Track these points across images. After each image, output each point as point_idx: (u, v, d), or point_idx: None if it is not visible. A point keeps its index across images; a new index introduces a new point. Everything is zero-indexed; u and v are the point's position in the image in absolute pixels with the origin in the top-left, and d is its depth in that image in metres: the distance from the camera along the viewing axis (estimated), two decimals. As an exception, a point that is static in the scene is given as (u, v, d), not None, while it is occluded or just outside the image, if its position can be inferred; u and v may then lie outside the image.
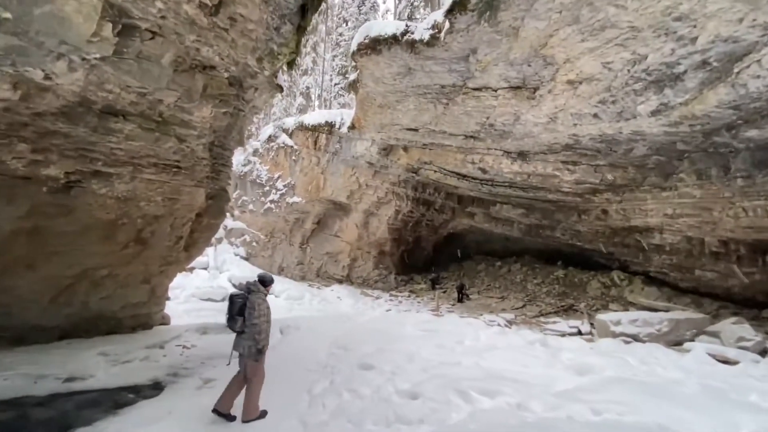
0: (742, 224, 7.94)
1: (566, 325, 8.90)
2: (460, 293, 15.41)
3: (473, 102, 12.49)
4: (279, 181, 21.53)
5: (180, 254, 7.29)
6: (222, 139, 6.93)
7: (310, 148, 20.28)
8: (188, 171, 6.15)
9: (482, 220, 19.78)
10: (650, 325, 7.16)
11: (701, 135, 8.05)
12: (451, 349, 5.94)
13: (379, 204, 19.50)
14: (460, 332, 6.68)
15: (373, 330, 6.85)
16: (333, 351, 6.40)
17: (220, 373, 5.55)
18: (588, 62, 8.46)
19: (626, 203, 11.71)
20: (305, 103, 27.01)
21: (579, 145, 11.26)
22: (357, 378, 5.21)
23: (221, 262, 21.67)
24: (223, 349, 7.20)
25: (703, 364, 5.34)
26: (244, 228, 23.33)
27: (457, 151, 15.71)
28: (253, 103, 7.79)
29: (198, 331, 8.68)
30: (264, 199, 22.07)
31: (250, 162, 23.16)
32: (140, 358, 6.25)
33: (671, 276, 11.42)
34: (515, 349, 5.79)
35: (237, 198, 23.53)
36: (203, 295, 17.18)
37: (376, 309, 13.42)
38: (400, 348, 6.08)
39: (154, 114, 5.28)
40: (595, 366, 4.87)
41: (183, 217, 6.66)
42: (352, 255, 21.13)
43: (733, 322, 6.91)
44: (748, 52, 6.06)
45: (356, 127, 17.80)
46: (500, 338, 6.49)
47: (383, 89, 14.19)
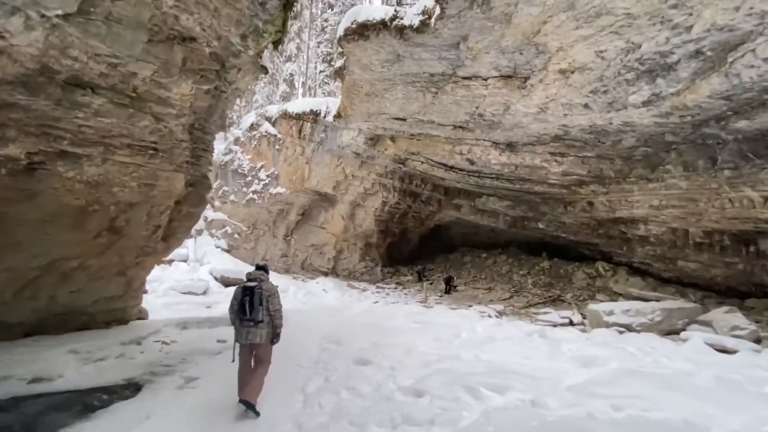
0: (728, 215, 8.08)
1: (557, 315, 8.93)
2: (448, 285, 15.38)
3: (463, 91, 12.28)
4: (262, 171, 20.91)
5: (158, 245, 6.84)
6: (203, 121, 6.48)
7: (294, 137, 19.73)
8: (166, 154, 5.69)
9: (468, 212, 19.77)
10: (643, 314, 7.21)
11: (690, 126, 8.10)
12: (449, 341, 5.80)
13: (366, 195, 19.20)
14: (455, 324, 6.53)
15: (365, 323, 6.62)
16: (325, 346, 6.15)
17: (202, 370, 5.23)
18: (581, 51, 8.35)
19: (612, 195, 11.82)
20: (289, 90, 26.25)
21: (568, 136, 11.25)
22: (354, 374, 4.95)
23: (202, 255, 20.99)
24: (204, 345, 6.85)
25: (702, 353, 5.35)
26: (225, 219, 22.63)
27: (446, 142, 15.54)
28: (236, 85, 7.35)
29: (178, 325, 8.26)
30: (246, 189, 21.42)
31: (232, 151, 22.40)
32: (115, 356, 5.82)
33: (655, 267, 11.65)
34: (514, 341, 5.69)
35: (218, 188, 22.76)
36: (183, 289, 16.57)
37: (363, 301, 13.22)
38: (395, 341, 5.87)
39: (128, 88, 4.81)
40: (598, 357, 4.79)
41: (161, 204, 6.21)
42: (337, 247, 20.82)
43: (725, 311, 7.03)
44: (742, 41, 6.05)
45: (342, 115, 17.37)
46: (497, 330, 6.37)
47: (371, 77, 13.81)
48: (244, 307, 4.30)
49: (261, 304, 4.32)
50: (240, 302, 4.35)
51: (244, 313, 4.31)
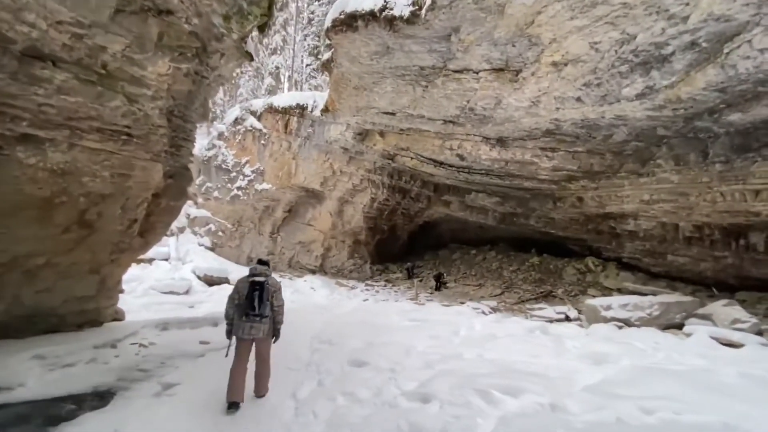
0: (719, 208, 8.10)
1: (552, 311, 8.82)
2: (438, 282, 15.21)
3: (454, 85, 12.07)
4: (247, 167, 20.33)
5: (134, 240, 6.37)
6: (183, 108, 6.06)
7: (280, 132, 19.22)
8: (142, 141, 5.24)
9: (458, 208, 19.68)
10: (641, 309, 7.13)
11: (682, 120, 8.07)
12: (448, 340, 5.51)
13: (354, 191, 18.86)
14: (452, 322, 6.26)
15: (357, 321, 6.30)
16: (316, 346, 5.79)
17: (182, 375, 4.83)
18: (575, 42, 8.22)
19: (602, 190, 11.82)
20: (274, 84, 25.62)
21: (559, 130, 11.17)
22: (350, 377, 4.57)
23: (184, 253, 20.31)
24: (186, 347, 6.44)
25: (709, 348, 5.24)
26: (208, 216, 21.95)
27: (435, 137, 15.34)
28: (219, 72, 6.94)
29: (157, 327, 7.80)
30: (230, 185, 20.80)
31: (215, 146, 21.72)
32: (86, 361, 5.36)
33: (644, 261, 11.71)
34: (516, 338, 5.44)
35: (201, 184, 22.07)
36: (164, 288, 15.96)
37: (352, 299, 12.92)
38: (391, 341, 5.54)
39: (96, 64, 4.35)
40: (608, 354, 4.56)
41: (137, 197, 5.76)
42: (325, 244, 20.43)
43: (724, 304, 7.00)
44: (738, 32, 5.98)
45: (330, 110, 16.95)
46: (497, 327, 6.12)
47: (359, 69, 13.46)
48: (252, 301, 4.28)
49: (268, 299, 4.35)
50: (248, 296, 4.32)
51: (251, 307, 4.28)
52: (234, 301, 4.50)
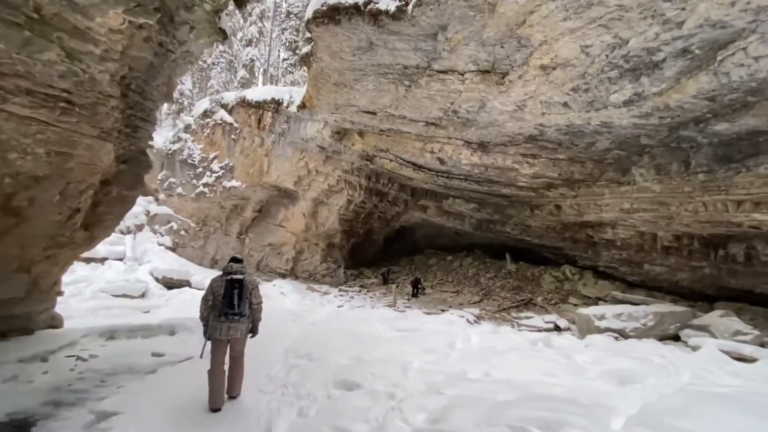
0: (701, 218, 8.18)
1: (541, 320, 8.55)
2: (416, 288, 14.74)
3: (438, 85, 11.73)
4: (215, 163, 19.13)
5: (76, 234, 5.40)
6: (142, 82, 5.24)
7: (252, 127, 18.23)
8: (86, 112, 4.37)
9: (435, 213, 19.43)
10: (635, 319, 6.96)
11: (667, 129, 8.09)
12: (445, 353, 4.89)
13: (330, 192, 18.15)
14: (444, 332, 5.66)
15: (337, 331, 5.60)
16: (292, 362, 4.98)
17: (125, 399, 3.94)
18: (566, 45, 8.07)
19: (581, 198, 11.84)
20: (248, 77, 24.42)
21: (543, 136, 11.08)
22: (340, 405, 3.68)
23: (141, 253, 18.76)
24: (134, 360, 5.51)
25: (722, 362, 4.99)
26: (170, 214, 20.45)
27: (416, 139, 14.99)
28: (188, 48, 6.15)
29: (102, 335, 6.75)
30: (196, 181, 19.49)
31: (181, 139, 20.35)
32: (5, 378, 4.37)
33: (620, 270, 11.82)
34: (521, 353, 4.91)
35: (163, 180, 20.58)
36: (116, 291, 14.52)
37: (325, 306, 12.18)
38: (381, 355, 4.82)
39: (26, 5, 3.50)
40: (630, 372, 4.12)
41: (80, 181, 4.84)
42: (297, 247, 19.51)
43: (720, 314, 6.94)
44: (733, 39, 5.96)
45: (307, 106, 16.24)
46: (495, 339, 5.63)
47: (340, 65, 12.88)
48: (231, 300, 4.17)
49: (246, 297, 4.29)
50: (227, 295, 4.19)
51: (230, 306, 4.17)
52: (208, 302, 4.33)
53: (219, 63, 25.51)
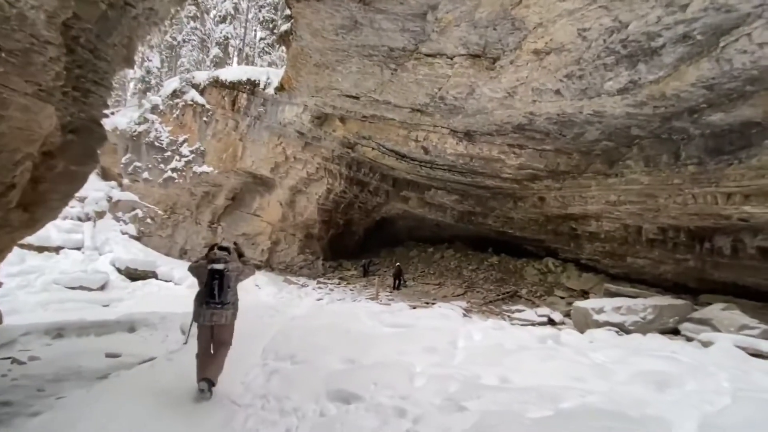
0: (690, 211, 8.17)
1: (533, 313, 8.33)
2: (397, 279, 14.32)
3: (425, 69, 11.21)
4: (185, 146, 17.92)
5: (12, 214, 4.55)
6: (93, 37, 4.43)
7: (226, 109, 17.14)
8: (15, 59, 3.52)
9: (416, 204, 19.09)
10: (634, 312, 6.81)
11: (659, 119, 7.96)
12: (449, 354, 4.33)
13: (309, 181, 17.39)
14: (442, 328, 5.11)
15: (322, 328, 4.98)
16: (273, 365, 4.30)
17: (66, 414, 3.20)
18: (563, 28, 7.72)
19: (566, 190, 11.73)
20: (222, 56, 22.97)
21: (531, 125, 10.82)
22: (338, 426, 2.95)
23: (102, 242, 17.41)
24: (83, 362, 4.76)
25: (741, 360, 4.81)
26: (135, 201, 19.08)
27: (401, 127, 14.47)
28: (151, 4, 5.34)
29: (48, 333, 5.90)
30: (164, 166, 18.21)
31: (148, 120, 18.92)
32: None
33: (603, 263, 11.86)
34: (533, 352, 4.41)
35: (128, 163, 19.14)
36: (71, 283, 13.31)
37: (304, 299, 11.58)
38: (379, 357, 4.14)
39: None
40: (664, 375, 3.67)
41: (14, 150, 4.00)
42: (273, 237, 18.68)
43: (722, 308, 6.88)
44: (736, 25, 5.76)
45: (286, 88, 15.37)
46: (500, 335, 5.16)
47: (322, 45, 12.12)
48: (212, 290, 4.09)
49: (230, 286, 4.20)
50: (208, 284, 4.12)
51: (211, 296, 4.09)
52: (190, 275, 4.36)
53: (190, 40, 23.86)
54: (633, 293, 8.55)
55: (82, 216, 18.13)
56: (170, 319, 6.46)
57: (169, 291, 13.61)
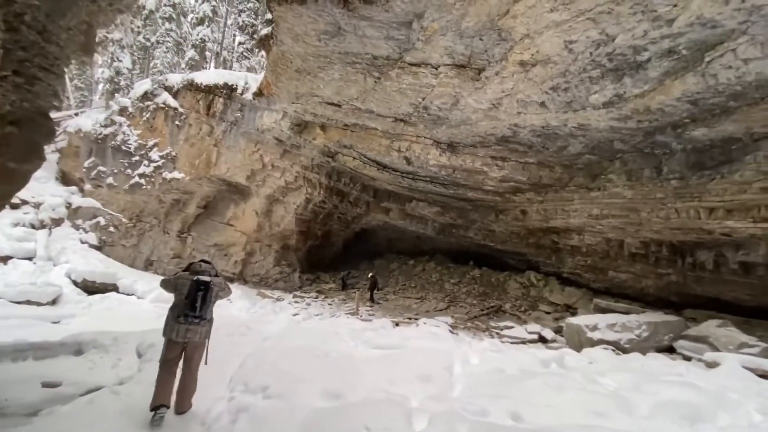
0: (672, 225, 8.21)
1: (523, 330, 8.01)
2: (372, 291, 13.65)
3: (410, 78, 11.04)
4: (154, 151, 16.96)
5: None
6: (43, 17, 3.87)
7: (201, 114, 16.39)
8: None
9: (397, 216, 18.79)
10: (629, 330, 6.59)
11: (642, 134, 8.00)
12: (447, 382, 3.79)
13: (287, 189, 16.77)
14: (433, 350, 4.54)
15: (300, 350, 4.36)
16: (241, 400, 3.60)
17: None
18: (549, 39, 7.69)
19: (548, 203, 11.72)
20: (198, 59, 22.13)
21: (515, 137, 10.77)
22: None
23: (57, 251, 16.05)
24: (15, 394, 3.95)
25: (751, 382, 4.56)
26: (97, 208, 17.82)
27: (383, 136, 14.21)
28: (115, -13, 4.82)
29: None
30: (131, 171, 17.15)
31: (115, 123, 17.86)
32: None
33: (584, 277, 11.84)
34: (541, 379, 3.92)
35: (91, 167, 17.93)
36: (18, 296, 12.06)
37: (279, 314, 10.86)
38: (368, 388, 3.58)
39: None
40: (690, 406, 3.34)
41: None
42: (248, 248, 17.82)
43: (717, 325, 6.75)
44: (721, 41, 5.83)
45: (265, 93, 14.87)
46: (499, 358, 4.63)
47: (303, 50, 11.78)
48: (194, 302, 3.93)
49: (212, 300, 4.09)
50: (190, 296, 3.94)
51: (192, 308, 3.92)
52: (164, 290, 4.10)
53: (165, 42, 22.92)
54: (623, 309, 8.44)
55: (36, 223, 16.70)
56: (125, 339, 5.66)
57: (130, 306, 12.53)
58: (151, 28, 23.75)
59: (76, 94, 22.88)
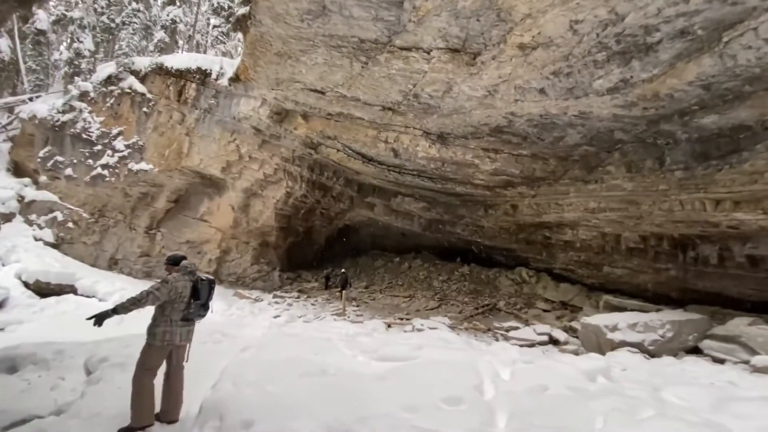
0: (676, 218, 7.93)
1: (531, 331, 7.49)
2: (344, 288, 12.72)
3: (400, 63, 10.39)
4: (119, 140, 15.59)
5: None
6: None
7: (171, 100, 15.16)
8: None
9: (382, 212, 18.15)
10: (652, 330, 6.12)
11: (646, 122, 7.66)
12: (484, 409, 3.00)
13: (266, 183, 15.79)
14: (452, 361, 3.69)
15: (287, 364, 3.50)
16: None
17: None
18: (554, 19, 7.20)
19: (541, 198, 11.34)
20: (168, 41, 20.58)
21: (510, 127, 10.30)
22: None
23: (7, 250, 14.51)
24: None
25: None
26: (54, 201, 16.26)
27: (370, 126, 13.49)
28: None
29: None
30: (92, 162, 15.71)
31: (74, 109, 16.30)
32: None
33: (578, 273, 11.56)
34: (599, 400, 3.23)
35: (47, 157, 16.34)
36: (-44, 301, 10.62)
37: (258, 316, 9.98)
38: (384, 419, 2.81)
39: None
40: None
41: None
42: (223, 245, 16.71)
43: (748, 323, 6.38)
44: (740, 19, 5.46)
45: (242, 79, 13.87)
46: (534, 371, 3.76)
47: (284, 32, 10.96)
48: (207, 302, 3.92)
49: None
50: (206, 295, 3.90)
51: (206, 307, 3.93)
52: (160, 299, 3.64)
53: (131, 24, 21.19)
54: (637, 306, 8.09)
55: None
56: (72, 352, 4.67)
57: (89, 309, 11.30)
58: (116, 8, 21.94)
59: (30, 77, 20.93)
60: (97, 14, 21.84)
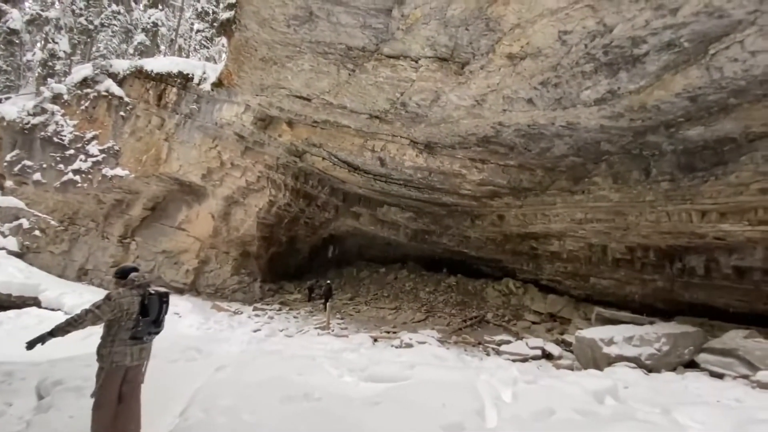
0: (663, 229, 7.95)
1: (524, 345, 7.26)
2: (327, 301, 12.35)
3: (387, 71, 10.29)
4: (93, 144, 14.91)
5: None
6: None
7: (150, 104, 14.64)
8: None
9: (368, 222, 17.90)
10: (648, 343, 5.98)
11: (632, 134, 7.71)
12: None
13: (248, 191, 15.32)
14: (448, 382, 3.41)
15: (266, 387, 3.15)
16: None
17: None
18: (543, 30, 7.21)
19: (527, 208, 11.32)
20: (150, 44, 19.97)
21: (498, 138, 10.28)
22: None
23: (-36, 259, 13.50)
24: None
25: None
26: (20, 208, 15.36)
27: (356, 135, 13.31)
28: None
29: None
30: (63, 167, 14.95)
31: (46, 111, 15.57)
32: None
33: (564, 284, 11.51)
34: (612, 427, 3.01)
35: (14, 161, 15.49)
36: None
37: (237, 330, 9.44)
38: None
39: None
40: None
41: None
42: (202, 255, 16.05)
43: (744, 335, 6.30)
44: (726, 32, 5.54)
45: (225, 84, 13.50)
46: (537, 392, 3.60)
47: (270, 37, 10.76)
48: (159, 317, 3.62)
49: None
50: (156, 311, 3.60)
51: (158, 324, 3.64)
52: (102, 318, 3.34)
53: (111, 26, 20.55)
54: (629, 318, 8.00)
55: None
56: (23, 374, 4.15)
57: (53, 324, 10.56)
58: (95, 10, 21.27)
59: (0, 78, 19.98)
60: (75, 15, 21.13)
